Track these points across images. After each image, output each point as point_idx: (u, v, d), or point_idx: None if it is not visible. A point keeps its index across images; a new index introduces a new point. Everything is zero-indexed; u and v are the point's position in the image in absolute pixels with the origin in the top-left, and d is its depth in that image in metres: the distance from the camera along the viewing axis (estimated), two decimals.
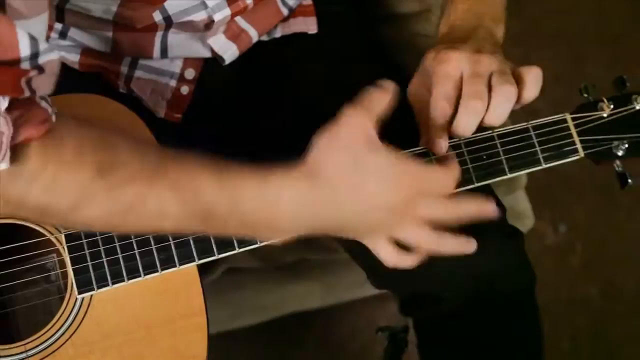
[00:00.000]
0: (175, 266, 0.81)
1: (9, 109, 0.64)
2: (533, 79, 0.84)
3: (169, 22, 0.95)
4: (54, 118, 0.68)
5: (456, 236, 0.79)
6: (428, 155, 0.85)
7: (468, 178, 0.87)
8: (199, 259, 0.82)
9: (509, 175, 0.88)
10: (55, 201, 0.70)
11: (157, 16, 0.94)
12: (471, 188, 0.87)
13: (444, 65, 0.84)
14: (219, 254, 0.84)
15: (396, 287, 1.04)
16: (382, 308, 1.68)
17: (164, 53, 0.99)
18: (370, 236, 0.80)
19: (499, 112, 0.83)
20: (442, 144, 0.84)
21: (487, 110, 0.82)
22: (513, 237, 0.98)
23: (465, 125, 0.82)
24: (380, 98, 0.77)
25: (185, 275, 0.85)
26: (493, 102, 0.82)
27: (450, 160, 0.82)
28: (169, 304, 0.84)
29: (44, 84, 0.67)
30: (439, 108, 0.83)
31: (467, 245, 0.80)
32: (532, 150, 0.88)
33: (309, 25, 1.07)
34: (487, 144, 0.87)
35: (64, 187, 0.69)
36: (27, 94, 0.65)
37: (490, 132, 0.87)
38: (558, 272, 1.71)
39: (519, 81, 0.84)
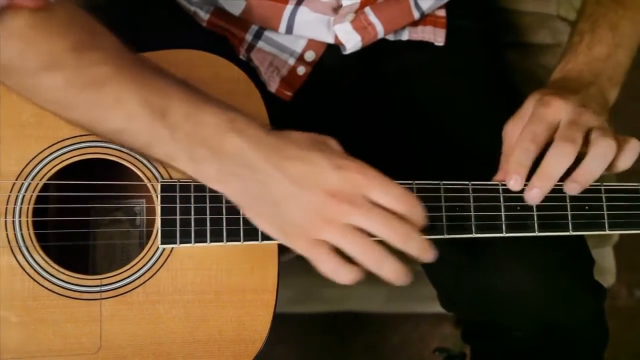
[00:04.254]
0: (257, 240, 0.81)
1: None
2: (630, 149, 0.82)
3: None
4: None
5: (396, 261, 0.73)
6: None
7: (564, 224, 0.85)
8: None
9: (607, 232, 0.86)
10: (25, 60, 0.71)
11: None
12: (565, 235, 0.85)
13: (545, 108, 0.83)
14: None
15: (466, 312, 1.03)
16: (437, 327, 1.67)
17: (289, 29, 1.00)
18: (291, 228, 0.74)
19: (592, 166, 0.80)
20: (516, 180, 0.81)
21: (582, 162, 0.80)
22: (596, 293, 0.96)
23: (552, 167, 0.80)
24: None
25: (265, 252, 0.85)
26: (590, 153, 0.80)
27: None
28: (244, 276, 0.85)
29: None
30: (524, 146, 0.81)
31: (403, 276, 0.74)
32: (638, 212, 0.85)
33: (438, 36, 1.06)
34: (592, 194, 0.86)
35: (38, 50, 0.71)
36: None
37: (599, 184, 0.85)
38: (623, 335, 1.67)
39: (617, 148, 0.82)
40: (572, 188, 0.82)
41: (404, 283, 0.74)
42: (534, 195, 0.81)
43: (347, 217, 0.72)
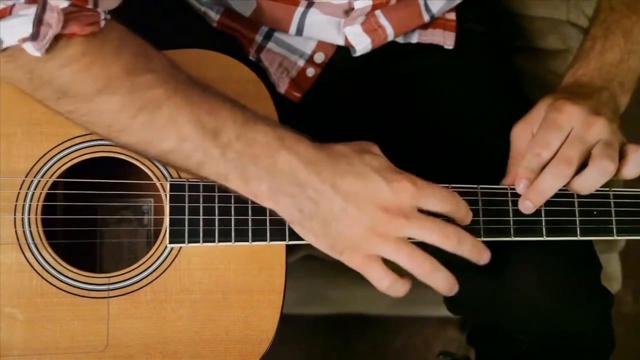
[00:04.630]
0: (265, 240, 0.82)
1: (65, 8, 0.69)
2: (636, 159, 0.82)
3: None
4: (102, 24, 0.72)
5: (447, 271, 0.76)
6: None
7: (572, 229, 0.85)
8: (290, 239, 0.82)
9: (615, 238, 0.86)
10: (81, 86, 0.72)
11: None
12: (573, 240, 0.85)
13: (557, 114, 0.83)
14: None
15: (471, 315, 1.03)
16: (441, 331, 1.67)
17: (299, 31, 1.00)
18: (345, 243, 0.76)
19: (587, 184, 0.83)
20: (525, 185, 0.83)
21: (579, 175, 0.82)
22: (603, 299, 0.96)
23: (546, 185, 0.82)
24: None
25: (272, 253, 0.85)
26: (587, 171, 0.82)
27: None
28: (251, 276, 0.85)
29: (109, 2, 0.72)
30: (535, 152, 0.83)
31: (453, 285, 0.77)
32: None
33: (447, 39, 1.06)
34: (600, 200, 0.86)
35: (93, 75, 0.72)
36: (90, 5, 0.70)
37: (607, 190, 0.85)
38: (628, 341, 1.66)
39: (622, 156, 0.82)
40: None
41: (453, 293, 0.77)
42: (527, 207, 0.83)
43: (401, 231, 0.75)
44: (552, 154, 0.83)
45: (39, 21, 0.68)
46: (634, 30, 0.92)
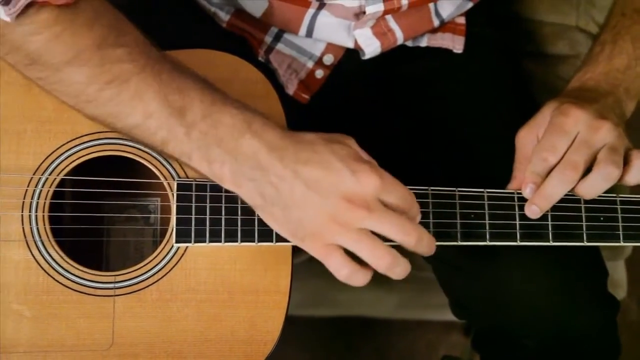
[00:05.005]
0: (271, 241, 0.82)
1: None
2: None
3: (320, 0, 0.95)
4: None
5: (406, 262, 0.74)
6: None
7: (579, 235, 0.85)
8: None
9: (622, 244, 0.86)
10: (50, 54, 0.72)
11: None
12: (579, 245, 0.85)
13: (563, 118, 0.83)
14: None
15: (477, 320, 1.03)
16: (445, 335, 1.67)
17: (309, 33, 1.00)
18: (306, 231, 0.75)
19: (591, 189, 0.83)
20: (532, 189, 0.83)
21: (584, 179, 0.82)
22: (609, 305, 0.96)
23: (552, 190, 0.82)
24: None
25: (279, 254, 0.85)
26: (591, 176, 0.82)
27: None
28: (257, 277, 0.85)
29: None
30: (542, 156, 0.83)
31: (404, 273, 0.74)
32: None
33: (456, 43, 1.06)
34: (607, 206, 0.86)
35: (64, 44, 0.72)
36: None
37: (614, 195, 0.85)
38: (632, 349, 1.66)
39: (627, 161, 0.82)
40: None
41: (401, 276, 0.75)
42: (533, 211, 0.83)
43: (362, 222, 0.73)
44: (558, 158, 0.83)
45: None
46: None
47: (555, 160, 0.83)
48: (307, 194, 0.73)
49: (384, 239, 0.74)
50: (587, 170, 0.83)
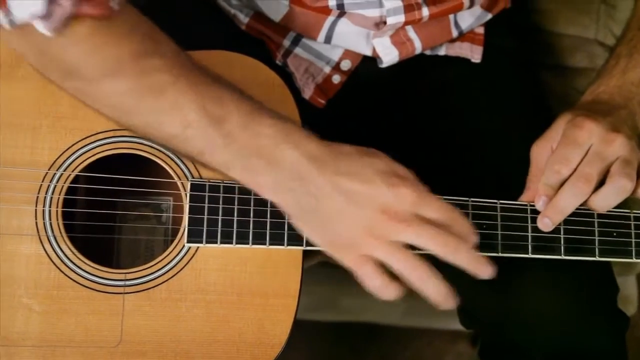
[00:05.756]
0: (282, 245, 0.82)
1: None
2: None
3: (341, 9, 0.96)
4: (114, 7, 0.71)
5: (440, 280, 0.74)
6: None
7: (591, 249, 0.85)
8: (307, 245, 0.82)
9: (634, 260, 0.85)
10: (88, 66, 0.72)
11: (331, 0, 0.95)
12: (591, 260, 0.85)
13: (577, 130, 0.83)
14: None
15: (485, 330, 1.03)
16: (451, 344, 1.66)
17: (328, 39, 1.00)
18: (341, 242, 0.76)
19: (604, 203, 0.83)
20: (544, 202, 0.83)
21: (596, 192, 0.82)
22: (619, 321, 0.95)
23: (564, 203, 0.82)
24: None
25: (289, 257, 0.85)
26: (603, 189, 0.82)
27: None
28: (267, 280, 0.85)
29: None
30: (555, 168, 0.83)
31: (446, 296, 0.75)
32: None
33: (474, 53, 1.06)
34: (620, 221, 0.85)
35: (102, 56, 0.72)
36: None
37: (628, 211, 0.85)
38: None
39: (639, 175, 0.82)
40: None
41: (448, 306, 0.76)
42: (545, 224, 0.83)
43: (398, 235, 0.74)
44: (571, 171, 0.83)
45: (51, 0, 0.68)
46: None
47: (568, 172, 0.83)
48: (345, 206, 0.74)
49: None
50: (601, 184, 0.83)
